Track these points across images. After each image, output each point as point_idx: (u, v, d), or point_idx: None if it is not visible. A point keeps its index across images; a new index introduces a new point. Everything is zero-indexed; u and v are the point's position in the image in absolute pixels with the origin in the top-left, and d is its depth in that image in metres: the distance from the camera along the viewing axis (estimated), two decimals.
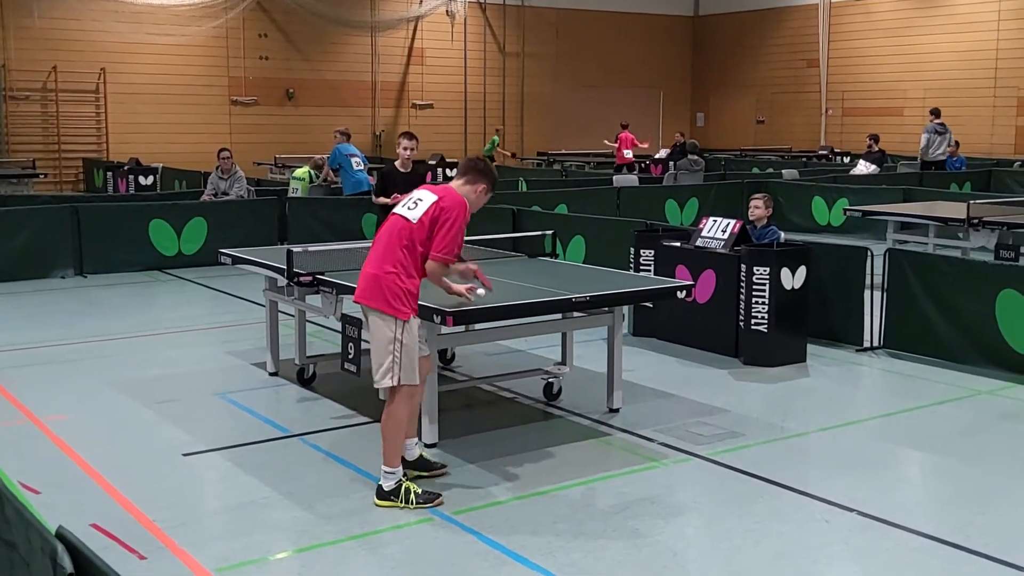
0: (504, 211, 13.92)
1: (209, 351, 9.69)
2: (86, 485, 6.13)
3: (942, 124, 22.42)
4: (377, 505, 5.72)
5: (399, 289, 5.65)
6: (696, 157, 21.33)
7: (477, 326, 7.53)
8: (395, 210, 5.91)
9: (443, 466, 6.32)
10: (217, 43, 27.67)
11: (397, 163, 11.07)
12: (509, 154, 30.13)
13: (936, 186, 19.17)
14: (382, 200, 10.74)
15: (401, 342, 5.66)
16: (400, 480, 5.75)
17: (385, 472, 5.75)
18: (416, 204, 5.81)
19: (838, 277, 9.52)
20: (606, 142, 26.96)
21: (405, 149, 10.77)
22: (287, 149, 25.54)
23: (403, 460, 5.97)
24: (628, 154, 25.52)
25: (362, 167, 16.37)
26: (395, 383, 5.70)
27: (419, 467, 6.23)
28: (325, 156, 18.29)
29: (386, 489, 5.74)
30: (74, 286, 13.21)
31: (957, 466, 6.63)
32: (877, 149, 22.84)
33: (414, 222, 5.72)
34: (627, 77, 34.49)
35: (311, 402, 7.92)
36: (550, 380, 7.91)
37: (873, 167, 22.08)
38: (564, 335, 7.96)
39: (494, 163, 28.30)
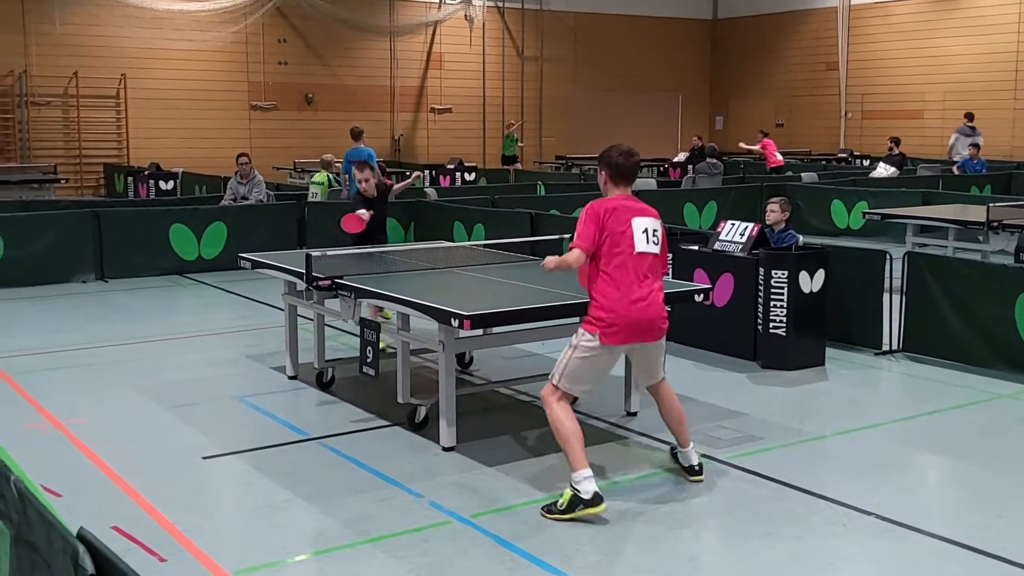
0: (522, 215, 13.93)
1: (229, 355, 9.73)
2: (107, 488, 6.17)
3: (972, 127, 22.46)
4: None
5: None
6: (715, 160, 21.31)
7: (495, 329, 7.58)
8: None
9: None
10: (236, 48, 27.78)
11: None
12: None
13: (956, 189, 19.09)
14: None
15: None
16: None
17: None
18: None
19: (857, 280, 9.50)
20: (742, 145, 26.59)
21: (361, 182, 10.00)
22: (306, 154, 25.60)
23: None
24: (779, 156, 25.30)
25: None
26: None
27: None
28: (332, 156, 18.37)
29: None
30: (95, 290, 13.28)
31: (976, 470, 6.60)
32: (897, 152, 22.76)
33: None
34: (646, 81, 34.45)
35: (330, 406, 7.95)
36: None
37: (893, 170, 22.00)
38: None
39: (516, 163, 28.32)
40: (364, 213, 9.41)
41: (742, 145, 26.26)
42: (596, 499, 5.54)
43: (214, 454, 6.80)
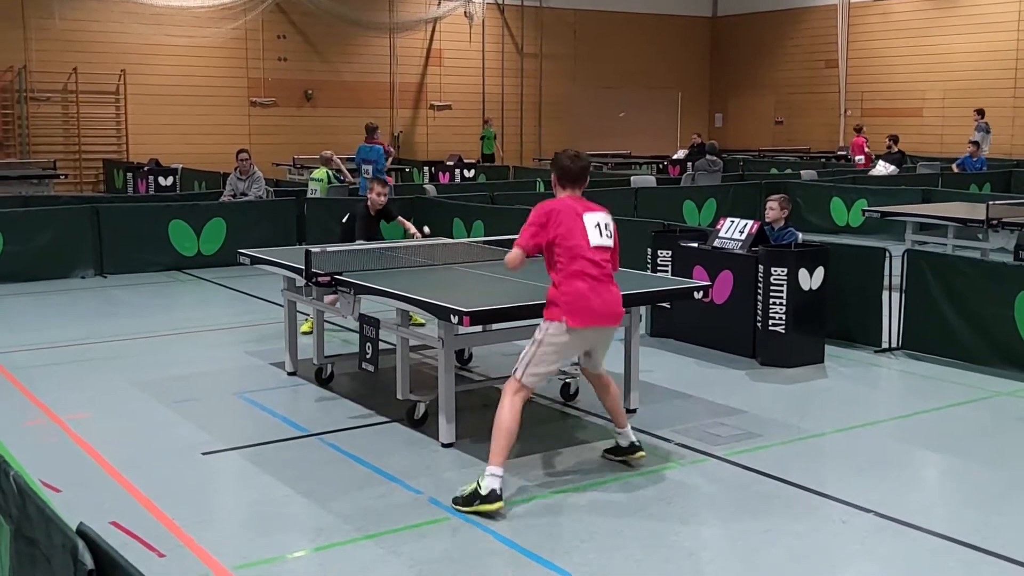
0: (521, 212, 13.90)
1: (228, 351, 9.73)
2: (106, 483, 6.17)
3: (987, 123, 22.71)
4: None
5: None
6: (714, 158, 21.31)
7: (494, 326, 7.56)
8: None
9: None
10: (236, 44, 27.76)
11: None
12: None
13: (955, 187, 19.09)
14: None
15: None
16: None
17: None
18: None
19: (856, 278, 9.49)
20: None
21: (378, 195, 9.99)
22: (305, 150, 25.60)
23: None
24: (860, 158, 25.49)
25: (370, 174, 16.42)
26: None
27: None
28: (332, 152, 18.36)
29: None
30: (94, 286, 13.28)
31: (975, 467, 6.61)
32: (896, 150, 22.78)
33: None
34: (645, 78, 34.45)
35: (329, 401, 7.95)
36: (567, 380, 7.92)
37: (892, 168, 22.02)
38: None
39: (494, 161, 28.43)
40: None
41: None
42: (491, 496, 5.61)
43: (213, 450, 6.80)
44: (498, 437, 5.80)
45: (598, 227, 6.01)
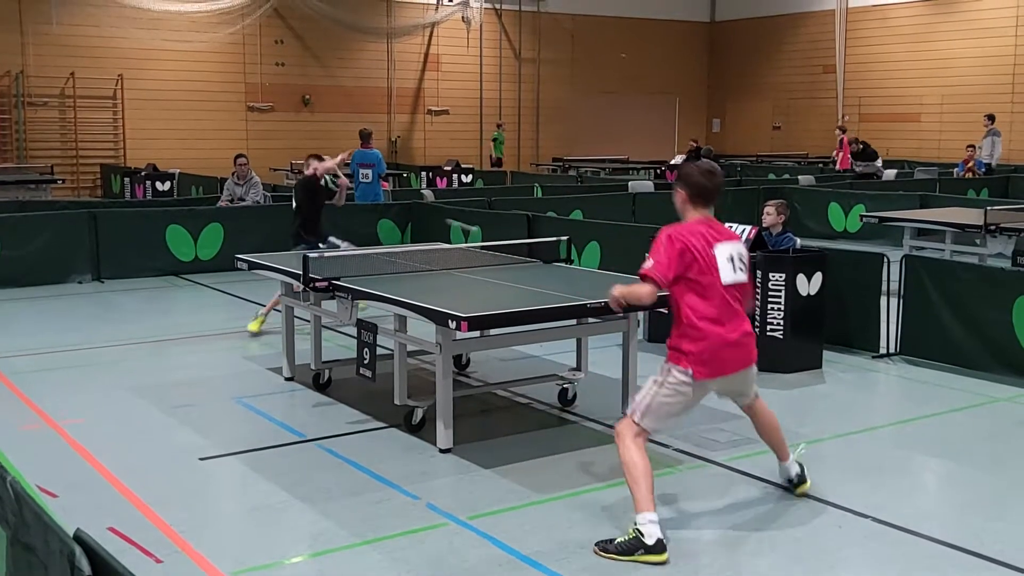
0: (519, 217, 13.93)
1: (225, 356, 9.72)
2: (103, 489, 6.16)
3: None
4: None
5: None
6: (710, 163, 21.32)
7: (492, 331, 7.57)
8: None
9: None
10: (234, 49, 27.79)
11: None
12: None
13: (953, 192, 19.12)
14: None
15: None
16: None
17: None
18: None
19: (854, 283, 9.49)
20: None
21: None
22: (303, 155, 25.37)
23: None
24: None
25: (369, 179, 16.45)
26: None
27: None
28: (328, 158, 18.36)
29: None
30: (91, 291, 13.27)
31: (973, 473, 6.60)
32: (863, 143, 23.03)
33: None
34: (643, 83, 34.48)
35: (327, 407, 7.94)
36: (565, 386, 7.92)
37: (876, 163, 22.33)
38: (579, 341, 7.98)
39: (500, 166, 28.45)
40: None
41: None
42: (659, 546, 5.09)
43: (211, 455, 6.79)
44: (638, 482, 5.23)
45: (731, 260, 5.40)
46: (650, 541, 5.10)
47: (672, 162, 26.45)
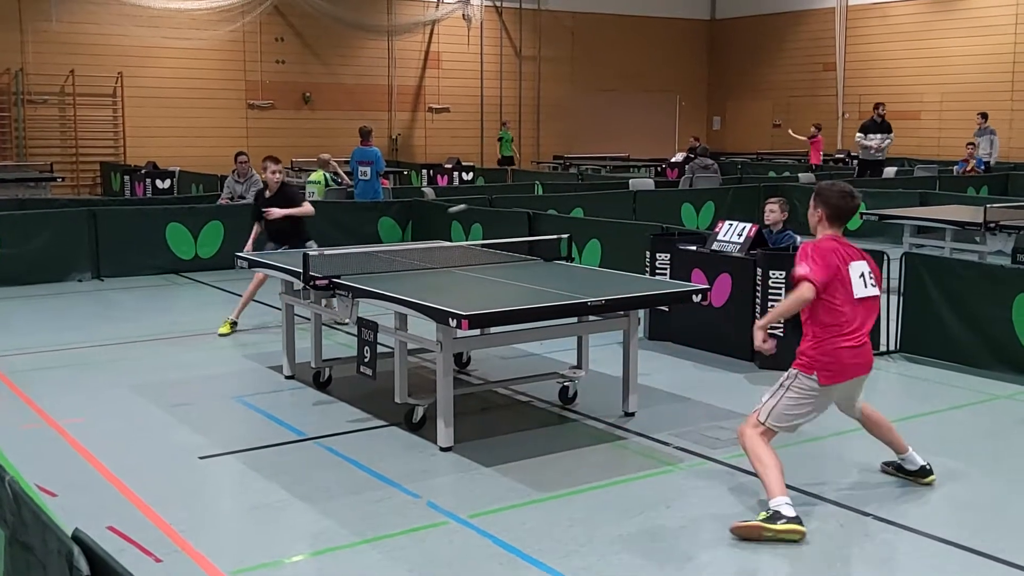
0: (520, 215, 13.92)
1: (225, 354, 9.72)
2: (103, 488, 6.15)
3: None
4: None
5: None
6: (709, 161, 21.31)
7: (492, 329, 7.56)
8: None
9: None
10: (234, 47, 27.77)
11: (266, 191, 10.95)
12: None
13: (953, 190, 19.10)
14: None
15: None
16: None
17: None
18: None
19: None
20: (791, 132, 27.59)
21: (273, 173, 10.72)
22: (304, 153, 25.60)
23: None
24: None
25: (368, 176, 16.45)
26: None
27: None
28: (329, 155, 18.40)
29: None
30: (91, 289, 13.26)
31: (974, 471, 6.59)
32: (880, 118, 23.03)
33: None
34: (644, 81, 34.47)
35: (327, 405, 7.93)
36: (565, 384, 7.91)
37: (886, 138, 22.29)
38: (580, 339, 7.97)
39: (512, 164, 28.35)
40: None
41: (791, 132, 26.82)
42: (797, 519, 5.32)
43: (211, 454, 6.78)
44: (768, 473, 5.49)
45: (862, 277, 5.69)
46: (789, 514, 5.31)
47: (672, 160, 26.42)
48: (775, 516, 5.33)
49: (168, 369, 9.12)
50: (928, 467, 6.17)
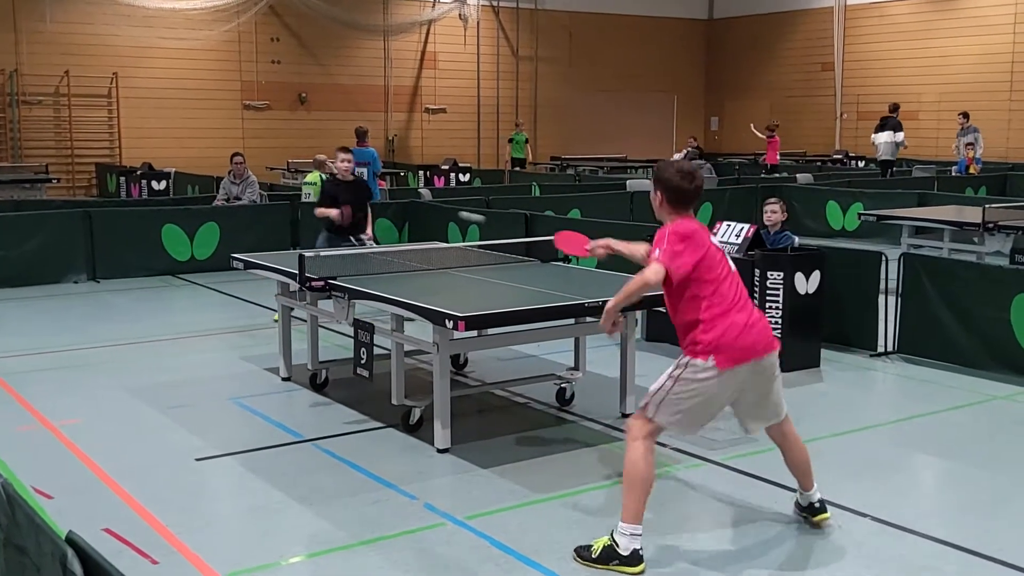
0: (517, 216, 13.91)
1: (222, 356, 9.70)
2: (99, 490, 6.13)
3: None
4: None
5: None
6: (700, 161, 21.33)
7: (490, 331, 7.55)
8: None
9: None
10: (229, 47, 27.71)
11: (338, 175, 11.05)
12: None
13: (951, 191, 19.11)
14: (323, 211, 10.64)
15: None
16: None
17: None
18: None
19: (852, 282, 9.48)
20: (752, 127, 27.79)
21: (343, 161, 10.86)
22: (300, 154, 25.56)
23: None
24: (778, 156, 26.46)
25: (364, 177, 16.42)
26: None
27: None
28: (326, 156, 18.36)
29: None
30: (87, 291, 13.24)
31: (972, 471, 6.59)
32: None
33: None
34: (641, 81, 34.45)
35: (324, 407, 7.92)
36: (563, 385, 7.90)
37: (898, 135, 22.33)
38: (577, 340, 7.96)
39: (524, 167, 28.29)
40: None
41: (753, 127, 26.93)
42: (634, 558, 4.94)
43: (207, 456, 6.76)
44: (632, 489, 5.02)
45: (727, 254, 5.27)
46: (625, 552, 4.95)
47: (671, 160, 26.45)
48: (608, 553, 4.97)
49: (164, 371, 9.09)
50: (823, 507, 5.54)
